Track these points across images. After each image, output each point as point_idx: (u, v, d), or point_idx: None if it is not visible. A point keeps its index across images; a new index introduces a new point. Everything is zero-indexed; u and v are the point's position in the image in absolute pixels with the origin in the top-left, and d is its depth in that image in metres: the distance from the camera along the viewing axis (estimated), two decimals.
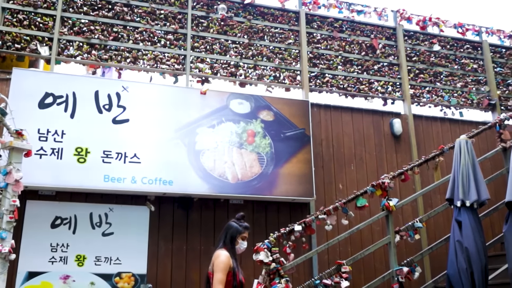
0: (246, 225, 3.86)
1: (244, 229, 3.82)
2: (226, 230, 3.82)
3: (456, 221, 4.28)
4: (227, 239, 3.75)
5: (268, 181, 5.58)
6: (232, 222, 3.88)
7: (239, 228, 3.80)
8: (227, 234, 3.78)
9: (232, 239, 3.75)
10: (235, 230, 3.79)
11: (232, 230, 3.79)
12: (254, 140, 5.69)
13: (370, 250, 4.37)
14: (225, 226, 3.87)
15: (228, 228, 3.82)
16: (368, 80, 6.75)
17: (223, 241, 3.75)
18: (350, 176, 6.21)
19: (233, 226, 3.82)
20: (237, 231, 3.78)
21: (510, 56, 7.72)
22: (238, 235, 3.77)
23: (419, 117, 6.84)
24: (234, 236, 3.76)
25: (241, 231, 3.79)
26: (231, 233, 3.78)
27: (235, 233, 3.78)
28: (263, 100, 5.90)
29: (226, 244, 3.72)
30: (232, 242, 3.73)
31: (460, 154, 4.47)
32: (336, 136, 6.33)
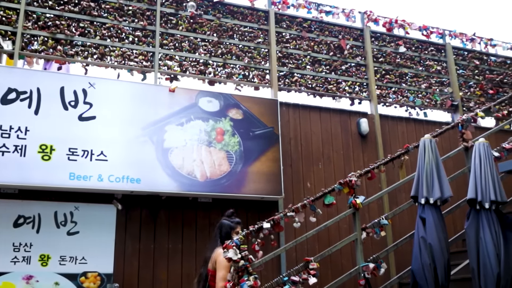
0: (237, 220, 4.11)
1: (236, 224, 4.07)
2: (219, 228, 4.07)
3: (420, 218, 4.38)
4: (223, 238, 3.98)
5: (237, 180, 5.59)
6: (224, 220, 4.12)
7: (231, 224, 4.06)
8: (221, 232, 4.03)
9: (228, 236, 3.98)
10: (229, 227, 4.05)
11: (225, 227, 4.05)
12: (223, 139, 5.68)
13: (337, 247, 4.43)
14: (218, 225, 4.11)
15: (221, 226, 4.08)
16: (336, 80, 6.84)
17: (220, 239, 3.99)
18: (318, 175, 6.28)
19: (226, 224, 4.07)
20: (230, 227, 4.05)
21: (472, 59, 7.96)
22: (232, 231, 4.03)
23: (385, 117, 6.98)
24: (229, 232, 4.02)
25: (234, 227, 4.05)
26: (225, 230, 4.03)
27: (229, 229, 4.04)
28: (232, 98, 5.90)
29: (223, 242, 3.91)
30: (228, 239, 3.93)
31: (425, 152, 4.58)
32: (304, 135, 6.39)
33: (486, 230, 4.27)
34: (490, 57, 8.13)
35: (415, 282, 4.26)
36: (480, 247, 4.26)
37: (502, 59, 8.24)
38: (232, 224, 4.09)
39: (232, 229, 4.05)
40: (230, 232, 4.04)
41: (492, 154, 4.60)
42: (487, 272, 4.13)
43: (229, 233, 4.03)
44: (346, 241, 4.49)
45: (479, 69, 7.95)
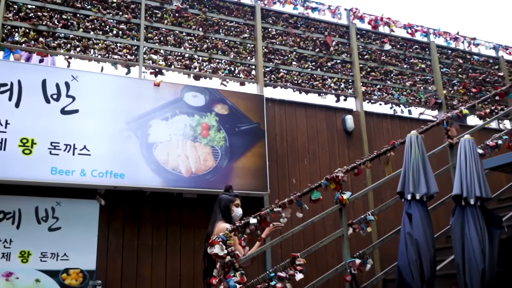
0: (235, 193, 4.24)
1: (235, 197, 4.19)
2: (218, 203, 4.17)
3: (407, 213, 4.39)
4: (222, 212, 4.10)
5: (222, 175, 5.53)
6: (221, 195, 4.22)
7: (230, 197, 4.17)
8: (220, 206, 4.13)
9: (227, 209, 4.11)
10: (228, 200, 4.16)
11: (224, 201, 4.15)
12: (209, 134, 5.62)
13: (324, 243, 4.42)
14: (217, 200, 4.20)
15: (219, 201, 4.17)
16: (321, 76, 6.83)
17: (220, 214, 4.10)
18: (304, 171, 6.26)
19: (224, 197, 4.18)
20: (229, 200, 4.16)
21: (456, 58, 8.03)
22: (230, 204, 4.14)
23: (370, 114, 6.99)
24: (228, 205, 4.13)
25: (232, 200, 4.16)
26: (224, 204, 4.14)
27: (228, 202, 4.14)
28: (218, 93, 5.84)
29: (223, 216, 4.08)
30: (228, 212, 4.10)
31: (411, 148, 4.59)
32: (290, 131, 6.36)
33: (471, 226, 4.29)
34: (473, 56, 8.21)
35: (401, 278, 4.27)
36: (465, 243, 4.28)
37: (485, 58, 8.33)
38: (231, 197, 4.18)
39: (231, 202, 4.15)
40: (229, 205, 4.14)
41: (477, 151, 4.63)
42: (472, 267, 4.16)
43: (228, 206, 4.13)
44: (332, 236, 4.48)
45: (463, 68, 8.02)
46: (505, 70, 8.33)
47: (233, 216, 4.14)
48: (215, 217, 4.14)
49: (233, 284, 3.85)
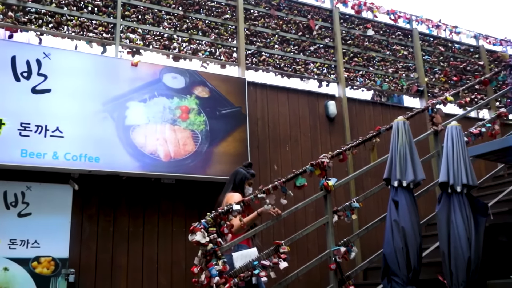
0: (253, 172, 4.24)
1: (251, 176, 4.19)
2: (234, 175, 4.18)
3: (393, 201, 4.28)
4: (236, 184, 4.13)
5: (202, 160, 5.34)
6: (240, 168, 4.24)
7: (247, 174, 4.17)
8: (235, 179, 4.15)
9: (242, 184, 4.13)
10: (244, 176, 4.16)
11: (240, 175, 4.16)
12: (188, 117, 5.41)
13: (308, 230, 4.29)
14: (233, 172, 4.24)
15: (236, 173, 4.19)
16: (304, 61, 6.67)
17: (232, 185, 4.13)
18: (285, 157, 6.11)
19: (242, 171, 4.18)
20: (245, 176, 4.15)
21: (437, 45, 7.98)
22: (246, 180, 4.15)
23: (352, 100, 6.88)
24: (243, 181, 4.14)
25: (249, 177, 4.17)
26: (240, 178, 4.15)
27: (244, 178, 4.15)
28: (199, 75, 5.62)
29: (235, 188, 4.10)
30: (241, 186, 4.11)
31: (398, 134, 4.48)
32: (272, 116, 6.20)
33: (457, 214, 4.22)
34: (455, 44, 8.18)
35: (386, 266, 4.17)
36: (451, 231, 4.21)
37: (466, 47, 8.31)
38: (248, 175, 4.19)
39: (247, 179, 4.16)
40: (244, 181, 4.15)
41: (464, 138, 4.56)
42: (458, 255, 4.09)
43: (243, 182, 4.15)
44: (317, 224, 4.35)
45: (444, 56, 7.98)
46: (485, 59, 8.33)
47: (244, 192, 4.14)
48: (228, 187, 4.16)
49: (215, 272, 3.69)
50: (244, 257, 3.90)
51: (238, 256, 3.92)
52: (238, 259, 3.90)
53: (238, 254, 3.93)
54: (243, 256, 3.92)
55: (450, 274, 4.14)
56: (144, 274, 5.02)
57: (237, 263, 3.86)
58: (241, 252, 3.95)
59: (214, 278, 3.65)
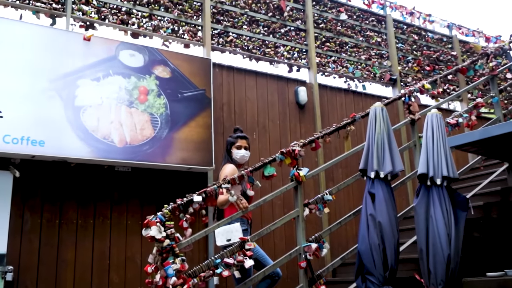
0: (238, 134, 4.08)
1: (236, 138, 4.03)
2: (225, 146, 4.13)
3: (369, 193, 3.94)
4: (226, 154, 4.06)
5: (161, 147, 4.86)
6: (228, 137, 4.13)
7: (231, 139, 4.05)
8: (226, 150, 4.09)
9: (229, 152, 4.03)
10: (228, 142, 4.07)
11: (227, 143, 4.08)
12: (147, 99, 4.92)
13: (277, 225, 3.89)
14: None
15: (226, 143, 4.12)
16: (274, 43, 6.26)
17: (225, 157, 4.06)
18: (252, 145, 5.66)
19: (227, 140, 4.09)
20: (230, 142, 4.05)
21: (411, 34, 7.71)
22: (232, 146, 4.03)
23: (324, 86, 6.52)
24: (229, 148, 4.04)
25: (233, 141, 4.03)
26: (227, 147, 4.07)
27: (229, 145, 4.05)
28: (159, 53, 5.13)
29: (226, 158, 4.03)
30: (229, 154, 4.02)
31: (376, 121, 4.14)
32: (238, 101, 5.77)
33: (437, 208, 3.92)
34: (428, 33, 7.93)
35: (361, 264, 3.84)
36: (430, 226, 3.91)
37: (439, 36, 8.08)
38: (232, 139, 4.05)
39: (232, 144, 4.04)
40: (230, 147, 4.04)
41: (444, 127, 4.26)
42: (437, 253, 3.79)
43: (228, 149, 4.06)
44: (287, 217, 3.96)
45: (417, 45, 7.72)
46: (458, 50, 8.13)
47: (234, 159, 4.03)
48: (223, 160, 4.09)
49: (171, 272, 3.26)
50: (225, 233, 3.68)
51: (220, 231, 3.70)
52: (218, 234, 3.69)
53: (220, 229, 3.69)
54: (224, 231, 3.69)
55: (428, 273, 3.84)
56: (94, 271, 4.53)
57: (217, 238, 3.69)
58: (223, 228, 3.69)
59: (170, 278, 3.22)
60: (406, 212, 4.58)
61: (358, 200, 6.18)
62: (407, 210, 4.57)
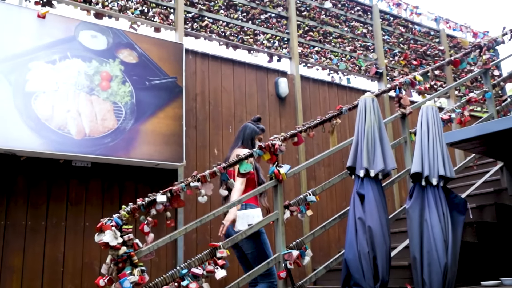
0: (262, 127, 3.91)
1: (261, 131, 3.88)
2: (243, 130, 3.87)
3: (358, 194, 3.50)
4: (245, 139, 3.81)
5: (125, 139, 4.34)
6: (248, 122, 3.92)
7: (256, 129, 3.86)
8: (244, 135, 3.84)
9: (251, 140, 3.82)
10: (254, 131, 3.84)
11: (250, 130, 3.84)
12: (110, 86, 4.39)
13: (254, 229, 3.41)
14: (241, 128, 3.92)
15: (245, 128, 3.87)
16: (253, 31, 5.77)
17: (242, 140, 3.81)
18: (228, 140, 5.21)
19: (251, 126, 3.87)
20: (255, 131, 3.84)
21: (398, 26, 7.32)
22: (256, 136, 3.83)
23: (306, 79, 6.07)
24: (253, 136, 3.83)
25: (258, 132, 3.85)
26: (249, 133, 3.84)
27: (253, 133, 3.83)
28: (125, 36, 4.60)
29: (245, 143, 3.79)
30: (251, 142, 3.80)
31: (365, 114, 3.69)
32: (213, 91, 5.27)
33: (432, 211, 3.49)
34: (415, 26, 7.55)
35: (348, 275, 3.39)
36: (424, 232, 3.48)
37: (426, 30, 7.71)
38: (258, 130, 3.87)
39: (256, 134, 3.85)
40: (254, 136, 3.84)
41: (441, 121, 3.84)
42: (432, 261, 3.36)
43: (253, 137, 3.84)
44: (265, 221, 3.48)
45: (404, 38, 7.34)
46: (445, 44, 7.78)
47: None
48: (237, 143, 3.84)
49: (128, 285, 2.76)
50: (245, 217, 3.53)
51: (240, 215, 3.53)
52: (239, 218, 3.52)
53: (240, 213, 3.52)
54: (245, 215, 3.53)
55: (422, 283, 3.41)
56: (45, 280, 3.98)
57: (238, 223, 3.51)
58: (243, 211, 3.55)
59: None
60: (397, 214, 4.15)
61: (341, 200, 5.75)
62: (397, 212, 4.14)
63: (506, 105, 5.56)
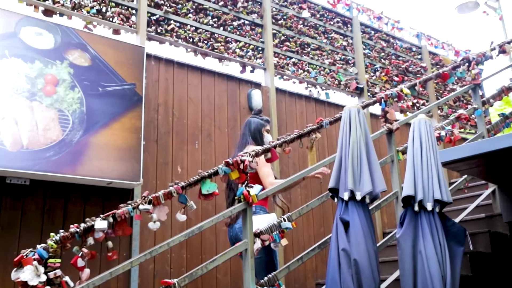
0: (267, 118, 3.74)
1: (266, 122, 3.69)
2: (247, 126, 3.64)
3: (342, 221, 2.96)
4: (253, 135, 3.57)
5: (72, 153, 3.73)
6: (251, 117, 3.70)
7: (262, 121, 3.65)
8: (250, 130, 3.60)
9: (259, 134, 3.59)
10: (259, 124, 3.63)
11: (255, 124, 3.62)
12: (56, 91, 3.79)
13: (217, 262, 2.83)
14: (244, 124, 3.68)
15: (249, 123, 3.64)
16: (225, 38, 5.26)
17: (251, 137, 3.56)
18: (193, 157, 4.64)
19: (255, 121, 3.65)
20: (261, 124, 3.63)
21: (379, 40, 6.94)
22: (262, 128, 3.63)
23: (282, 91, 5.58)
24: (259, 129, 3.61)
25: (264, 124, 3.65)
26: (256, 127, 3.61)
27: (260, 126, 3.62)
28: (77, 35, 4.02)
29: (254, 139, 3.55)
30: (259, 136, 3.57)
31: (350, 127, 3.18)
32: (178, 101, 4.71)
33: (427, 241, 2.98)
34: (397, 41, 7.19)
35: None
36: (418, 265, 2.96)
37: (408, 45, 7.35)
38: (262, 121, 3.64)
39: (263, 126, 3.62)
40: (261, 129, 3.60)
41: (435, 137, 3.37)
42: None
43: (260, 131, 3.59)
44: (231, 252, 2.91)
45: (386, 53, 6.95)
46: (427, 61, 7.43)
47: (264, 141, 3.55)
48: (245, 141, 3.56)
49: None
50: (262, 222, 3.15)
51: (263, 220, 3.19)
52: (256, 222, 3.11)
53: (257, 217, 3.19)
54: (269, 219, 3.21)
55: None
56: None
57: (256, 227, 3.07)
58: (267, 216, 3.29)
59: None
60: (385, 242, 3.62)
61: (318, 226, 5.21)
62: (385, 240, 3.61)
63: (496, 123, 5.15)
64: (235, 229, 3.32)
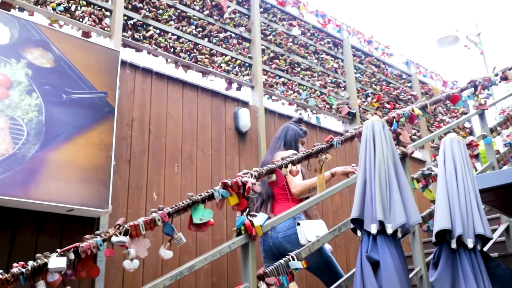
0: (305, 130, 3.59)
1: (304, 133, 3.55)
2: (284, 131, 3.52)
3: (369, 260, 2.35)
4: (288, 141, 3.46)
5: (24, 171, 3.00)
6: (291, 123, 3.58)
7: (300, 131, 3.52)
8: (287, 136, 3.49)
9: (294, 142, 3.46)
10: (297, 133, 3.50)
11: (293, 132, 3.50)
12: (8, 95, 3.09)
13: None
14: (282, 128, 3.57)
15: (287, 129, 3.53)
16: (209, 50, 4.69)
17: (284, 142, 3.45)
18: (172, 182, 3.95)
19: (293, 128, 3.53)
20: (298, 134, 3.51)
21: (370, 64, 6.52)
22: (299, 138, 3.51)
23: (271, 112, 5.01)
24: (296, 139, 3.48)
25: (302, 135, 3.53)
26: (293, 135, 3.48)
27: (297, 136, 3.50)
28: (38, 31, 3.36)
29: (287, 146, 3.43)
30: (294, 144, 3.45)
31: (375, 144, 2.62)
32: (156, 117, 4.06)
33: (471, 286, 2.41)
34: (387, 67, 6.79)
35: None
36: None
37: (399, 72, 6.97)
38: (301, 132, 3.52)
39: (300, 136, 3.51)
40: (298, 139, 3.49)
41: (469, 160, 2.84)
42: None
43: (296, 140, 3.48)
44: None
45: (377, 78, 6.53)
46: (418, 90, 7.05)
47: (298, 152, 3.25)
48: (279, 145, 3.44)
49: None
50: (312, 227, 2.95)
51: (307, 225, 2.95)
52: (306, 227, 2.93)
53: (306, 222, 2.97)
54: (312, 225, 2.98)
55: None
56: None
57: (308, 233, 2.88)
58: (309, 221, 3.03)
59: None
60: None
61: None
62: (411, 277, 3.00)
63: (504, 153, 4.73)
64: (277, 238, 2.94)
